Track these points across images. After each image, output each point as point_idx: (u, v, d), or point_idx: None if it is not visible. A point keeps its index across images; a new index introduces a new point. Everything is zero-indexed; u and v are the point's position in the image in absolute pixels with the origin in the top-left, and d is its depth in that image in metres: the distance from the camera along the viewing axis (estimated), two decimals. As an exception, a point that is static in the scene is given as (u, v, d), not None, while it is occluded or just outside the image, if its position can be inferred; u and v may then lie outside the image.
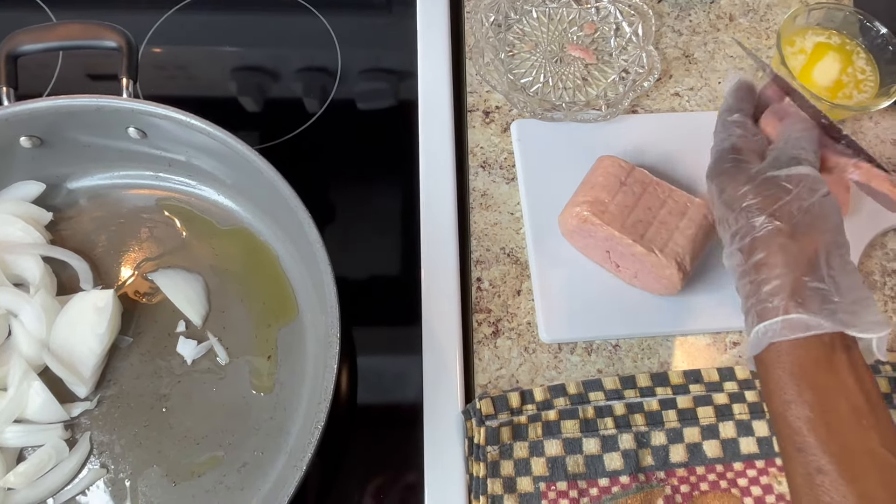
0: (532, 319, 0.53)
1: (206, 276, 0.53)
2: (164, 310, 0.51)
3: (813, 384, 0.37)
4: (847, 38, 0.61)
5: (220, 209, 0.55)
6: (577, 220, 0.51)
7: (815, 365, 0.37)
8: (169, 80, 0.67)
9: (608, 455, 0.48)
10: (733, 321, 0.53)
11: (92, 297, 0.49)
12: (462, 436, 0.49)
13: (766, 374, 0.39)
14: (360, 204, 0.59)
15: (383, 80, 0.66)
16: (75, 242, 0.54)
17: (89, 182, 0.56)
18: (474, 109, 0.62)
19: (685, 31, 0.66)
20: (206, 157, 0.52)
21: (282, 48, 0.68)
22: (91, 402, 0.48)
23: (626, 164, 0.52)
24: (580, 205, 0.50)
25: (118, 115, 0.49)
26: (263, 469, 0.47)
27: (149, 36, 0.68)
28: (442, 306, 0.53)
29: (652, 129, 0.60)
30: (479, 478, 0.47)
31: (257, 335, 0.51)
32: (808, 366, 0.37)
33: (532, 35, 0.65)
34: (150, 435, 0.48)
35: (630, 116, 0.61)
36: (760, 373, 0.40)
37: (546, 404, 0.50)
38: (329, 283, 0.43)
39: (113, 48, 0.50)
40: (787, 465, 0.37)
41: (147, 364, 0.50)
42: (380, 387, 0.52)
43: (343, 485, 0.48)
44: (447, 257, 0.55)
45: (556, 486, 0.47)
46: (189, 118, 0.48)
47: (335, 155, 0.62)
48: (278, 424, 0.48)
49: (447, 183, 0.58)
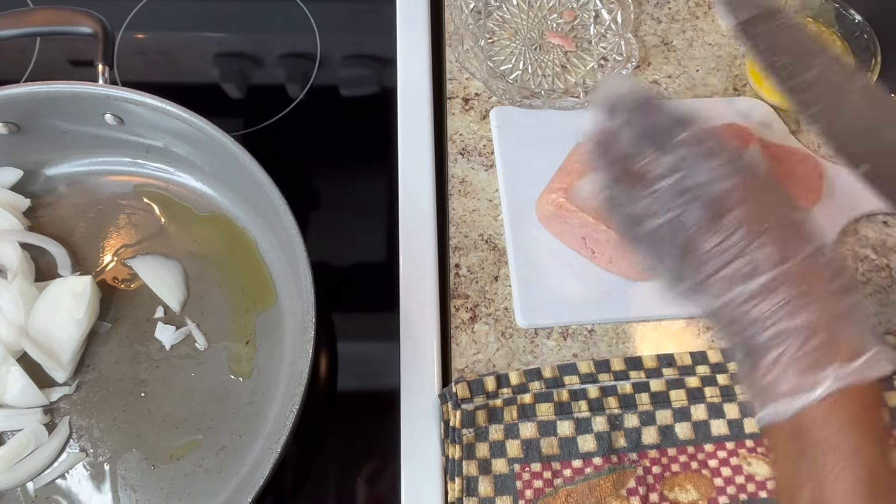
0: (509, 305, 0.54)
1: (184, 262, 0.53)
2: (142, 296, 0.52)
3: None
4: (823, 25, 0.61)
5: (198, 195, 0.55)
6: (552, 206, 0.51)
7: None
8: (150, 66, 0.67)
9: (582, 437, 0.49)
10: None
11: (70, 283, 0.49)
12: (438, 419, 0.50)
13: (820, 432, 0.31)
14: (339, 189, 0.60)
15: (363, 66, 0.66)
16: (53, 229, 0.54)
17: (67, 168, 0.56)
18: (454, 97, 0.62)
19: (664, 18, 0.67)
20: (184, 144, 0.52)
21: (261, 34, 0.68)
22: (70, 387, 0.49)
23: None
24: (556, 191, 0.51)
25: (94, 101, 0.49)
26: (241, 452, 0.48)
27: (128, 21, 0.68)
28: (420, 292, 0.54)
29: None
30: (455, 459, 0.48)
31: (235, 321, 0.51)
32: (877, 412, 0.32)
33: (512, 22, 0.65)
34: (129, 419, 0.48)
35: (608, 104, 0.61)
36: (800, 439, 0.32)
37: (521, 388, 0.51)
38: (305, 269, 0.44)
39: (89, 34, 0.50)
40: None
41: (126, 349, 0.50)
42: (358, 372, 0.53)
43: (321, 468, 0.49)
44: (425, 244, 0.56)
45: (531, 467, 0.48)
46: (164, 104, 0.48)
47: (315, 141, 0.62)
48: (256, 409, 0.49)
49: (426, 170, 0.59)
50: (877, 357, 0.31)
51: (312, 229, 0.57)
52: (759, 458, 0.49)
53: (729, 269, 0.33)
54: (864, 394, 0.31)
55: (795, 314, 0.32)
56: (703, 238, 0.34)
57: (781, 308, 0.32)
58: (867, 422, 0.31)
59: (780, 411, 0.32)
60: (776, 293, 0.33)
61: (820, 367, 0.31)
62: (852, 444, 0.31)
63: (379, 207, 0.59)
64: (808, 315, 0.32)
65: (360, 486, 0.49)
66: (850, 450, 0.30)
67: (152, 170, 0.56)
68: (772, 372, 0.32)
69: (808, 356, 0.32)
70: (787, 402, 0.32)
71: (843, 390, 0.31)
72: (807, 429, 0.31)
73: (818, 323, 0.32)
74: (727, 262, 0.33)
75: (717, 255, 0.34)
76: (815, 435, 0.31)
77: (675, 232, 0.34)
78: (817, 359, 0.31)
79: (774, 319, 0.33)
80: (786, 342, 0.32)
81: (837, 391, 0.31)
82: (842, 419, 0.31)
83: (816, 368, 0.31)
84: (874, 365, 0.31)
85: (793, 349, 0.32)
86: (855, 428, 0.31)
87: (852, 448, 0.30)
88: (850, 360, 0.31)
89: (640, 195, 0.35)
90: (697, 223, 0.34)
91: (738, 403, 0.50)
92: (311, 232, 0.56)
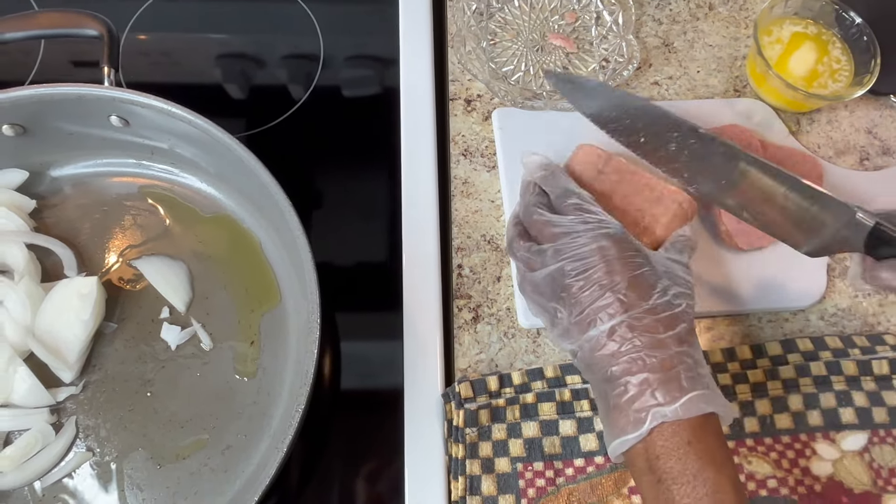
0: (511, 305, 0.54)
1: (189, 262, 0.53)
2: (147, 296, 0.52)
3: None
4: (823, 27, 0.62)
5: (203, 197, 0.55)
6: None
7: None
8: (154, 67, 0.67)
9: (584, 436, 0.50)
10: (708, 305, 0.54)
11: (76, 283, 0.50)
12: (442, 418, 0.50)
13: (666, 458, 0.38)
14: (343, 190, 0.60)
15: (366, 67, 0.67)
16: (59, 230, 0.54)
17: (73, 170, 0.56)
18: (456, 98, 0.63)
19: (665, 19, 0.67)
20: (188, 146, 0.52)
21: (264, 35, 0.68)
22: (76, 387, 0.49)
23: (604, 153, 0.52)
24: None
25: (99, 103, 0.50)
26: (247, 452, 0.48)
27: (132, 22, 0.68)
28: (423, 293, 0.54)
29: (631, 117, 0.60)
30: (458, 459, 0.48)
31: (240, 321, 0.52)
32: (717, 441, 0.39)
33: (514, 24, 0.65)
34: (135, 419, 0.49)
35: (610, 105, 0.61)
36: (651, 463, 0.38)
37: (524, 388, 0.51)
38: (310, 271, 0.44)
39: (94, 36, 0.50)
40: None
41: (131, 349, 0.51)
42: (362, 371, 0.53)
43: (325, 467, 0.49)
44: (428, 244, 0.56)
45: (533, 466, 0.49)
46: (170, 106, 0.48)
47: (319, 141, 0.62)
48: (261, 408, 0.49)
49: (429, 171, 0.59)
50: (694, 400, 0.38)
51: (316, 229, 0.57)
52: (759, 456, 0.50)
53: (583, 316, 0.41)
54: (692, 427, 0.38)
55: (629, 360, 0.39)
56: (570, 290, 0.41)
57: (619, 354, 0.39)
58: (701, 449, 0.37)
59: (622, 444, 0.39)
60: (615, 340, 0.40)
61: (645, 409, 0.38)
62: (693, 469, 0.37)
63: (382, 208, 0.59)
64: (640, 362, 0.39)
65: (363, 485, 0.49)
66: (691, 474, 0.37)
67: (157, 171, 0.56)
68: (613, 411, 0.39)
69: (636, 399, 0.38)
70: (622, 438, 0.39)
71: (675, 426, 0.37)
72: (656, 461, 0.38)
73: (647, 369, 0.38)
74: (583, 310, 0.41)
75: (577, 304, 0.41)
76: (663, 464, 0.37)
77: (553, 283, 0.42)
78: (644, 401, 0.38)
79: (613, 365, 0.39)
80: (622, 387, 0.39)
81: (670, 427, 0.37)
82: (679, 450, 0.37)
83: (642, 410, 0.38)
84: (692, 406, 0.38)
85: (627, 393, 0.39)
86: (692, 455, 0.37)
87: (693, 473, 0.37)
88: (668, 403, 0.38)
89: (533, 252, 0.44)
90: (567, 277, 0.41)
91: (737, 402, 0.51)
92: (315, 232, 0.56)
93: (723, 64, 0.65)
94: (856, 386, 0.51)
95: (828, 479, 0.49)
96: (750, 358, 0.53)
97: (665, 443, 0.38)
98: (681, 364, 0.39)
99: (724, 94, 0.63)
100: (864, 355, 0.53)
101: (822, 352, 0.53)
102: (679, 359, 0.39)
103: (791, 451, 0.50)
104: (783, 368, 0.52)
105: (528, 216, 0.46)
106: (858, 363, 0.52)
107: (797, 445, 0.50)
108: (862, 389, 0.51)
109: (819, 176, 0.58)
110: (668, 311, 0.40)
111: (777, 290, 0.54)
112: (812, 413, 0.51)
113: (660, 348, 0.39)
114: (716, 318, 0.55)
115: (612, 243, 0.42)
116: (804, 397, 0.51)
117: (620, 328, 0.40)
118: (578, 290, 0.41)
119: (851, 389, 0.51)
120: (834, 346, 0.53)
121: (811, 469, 0.49)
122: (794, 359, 0.53)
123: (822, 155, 0.61)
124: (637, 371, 0.39)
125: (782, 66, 0.60)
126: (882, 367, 0.52)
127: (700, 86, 0.64)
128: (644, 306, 0.40)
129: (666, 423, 0.38)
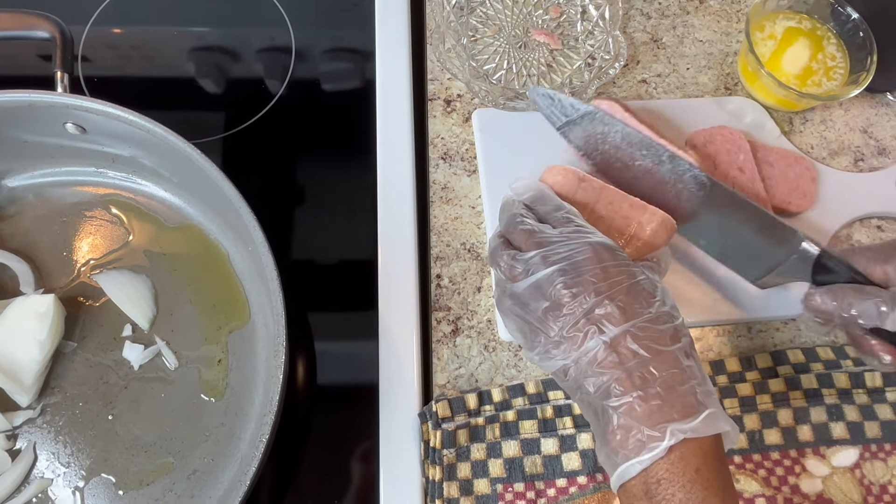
0: (492, 317, 0.52)
1: (153, 276, 0.51)
2: (109, 313, 0.50)
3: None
4: (818, 22, 0.59)
5: (167, 206, 0.53)
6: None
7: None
8: (124, 61, 0.64)
9: (566, 455, 0.48)
10: (695, 315, 0.52)
11: (32, 301, 0.47)
12: (419, 439, 0.48)
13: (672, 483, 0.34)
14: (320, 189, 0.58)
15: (342, 59, 0.64)
16: (15, 243, 0.51)
17: (30, 180, 0.53)
18: (435, 98, 0.60)
19: (654, 14, 0.64)
20: (149, 154, 0.50)
21: (236, 28, 0.65)
22: (34, 411, 0.47)
23: (574, 174, 0.49)
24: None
25: (53, 110, 0.47)
26: (214, 476, 0.46)
27: (95, 15, 0.65)
28: (399, 307, 0.52)
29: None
30: (435, 481, 0.46)
31: (207, 338, 0.49)
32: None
33: (496, 18, 0.62)
34: (97, 443, 0.47)
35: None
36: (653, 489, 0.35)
37: (504, 405, 0.49)
38: (275, 290, 0.42)
39: (45, 38, 0.47)
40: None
41: (92, 370, 0.48)
42: (338, 393, 0.51)
43: (297, 491, 0.47)
44: (405, 255, 0.54)
45: (514, 487, 0.47)
46: (125, 113, 0.45)
47: (298, 137, 0.60)
48: (229, 430, 0.47)
49: (406, 175, 0.57)
50: (711, 417, 0.35)
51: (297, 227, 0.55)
52: (747, 474, 0.48)
53: (577, 327, 0.37)
54: (703, 451, 0.34)
55: (635, 376, 0.35)
56: (559, 299, 0.37)
57: (623, 369, 0.35)
58: (709, 477, 0.34)
59: (630, 469, 0.35)
60: (617, 354, 0.36)
61: (659, 425, 0.34)
62: (697, 499, 0.33)
63: (363, 204, 0.56)
64: (648, 377, 0.35)
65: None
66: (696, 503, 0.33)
67: (118, 179, 0.53)
68: (618, 432, 0.35)
69: (648, 417, 0.34)
70: (634, 460, 0.34)
71: (684, 449, 0.34)
72: (656, 487, 0.34)
73: (657, 384, 0.35)
74: (576, 321, 0.37)
75: (569, 315, 0.37)
76: (664, 492, 0.34)
77: (538, 294, 0.38)
78: (657, 418, 0.34)
79: (617, 380, 0.35)
80: (628, 403, 0.35)
81: (678, 449, 0.34)
82: (685, 476, 0.34)
83: (655, 427, 0.34)
84: (710, 423, 0.34)
85: (635, 410, 0.35)
86: (698, 484, 0.34)
87: (697, 502, 0.33)
88: (685, 419, 0.34)
89: (517, 260, 0.39)
90: (556, 285, 0.37)
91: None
92: (286, 231, 0.54)
93: (713, 60, 0.62)
94: (848, 399, 0.50)
95: (817, 497, 0.48)
96: (738, 370, 0.51)
97: (671, 467, 0.34)
98: (693, 378, 0.36)
99: (714, 93, 0.61)
100: (856, 367, 0.51)
101: (813, 363, 0.51)
102: (690, 372, 0.36)
103: (780, 467, 0.48)
104: (773, 381, 0.50)
105: (511, 227, 0.41)
106: (851, 375, 0.50)
107: (787, 462, 0.49)
108: (854, 403, 0.50)
109: (812, 179, 0.55)
110: (669, 322, 0.37)
111: (766, 299, 0.52)
112: (802, 428, 0.49)
113: (669, 361, 0.36)
114: (703, 329, 0.53)
115: (606, 250, 0.38)
116: (794, 412, 0.49)
117: (623, 339, 0.36)
118: (571, 299, 0.37)
119: (843, 403, 0.50)
120: (826, 358, 0.51)
121: (801, 487, 0.48)
122: (784, 371, 0.51)
123: (816, 156, 0.59)
124: (646, 385, 0.35)
125: (775, 62, 0.58)
126: (875, 379, 0.50)
127: (689, 83, 0.61)
128: (647, 315, 0.37)
129: (673, 446, 0.34)
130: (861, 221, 0.57)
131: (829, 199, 0.56)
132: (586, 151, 0.49)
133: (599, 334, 0.36)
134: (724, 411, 0.36)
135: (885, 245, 0.44)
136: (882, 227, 0.57)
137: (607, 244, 0.39)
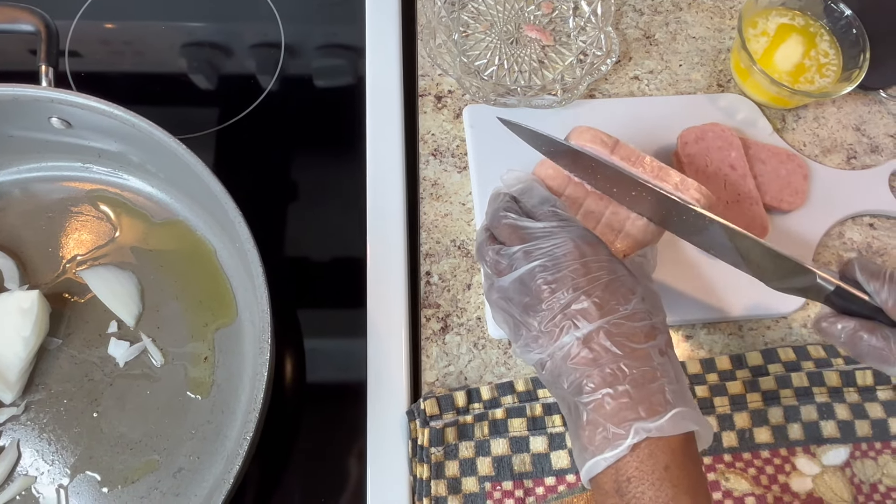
0: (482, 314, 0.52)
1: (139, 272, 0.50)
2: (95, 309, 0.49)
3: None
4: (811, 19, 0.59)
5: (154, 202, 0.52)
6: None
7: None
8: (116, 56, 0.64)
9: (555, 453, 0.48)
10: (686, 314, 0.52)
11: (16, 297, 0.47)
12: (407, 437, 0.48)
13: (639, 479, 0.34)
14: (310, 184, 0.57)
15: (332, 55, 0.64)
16: (0, 239, 0.51)
17: (15, 175, 0.53)
18: (426, 94, 0.59)
19: (646, 10, 0.64)
20: (135, 148, 0.49)
21: (228, 23, 0.65)
22: (18, 408, 0.47)
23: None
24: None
25: (37, 105, 0.46)
26: (200, 474, 0.46)
27: (83, 9, 0.64)
28: (389, 304, 0.51)
29: (609, 115, 0.58)
30: (423, 479, 0.46)
31: (193, 335, 0.49)
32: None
33: (487, 14, 0.62)
34: (82, 441, 0.46)
35: (587, 101, 0.58)
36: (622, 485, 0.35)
37: (493, 402, 0.49)
38: (261, 287, 0.41)
39: (30, 32, 0.47)
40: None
41: (77, 367, 0.48)
42: (325, 389, 0.51)
43: (283, 490, 0.47)
44: (395, 252, 0.53)
45: (502, 485, 0.47)
46: (110, 108, 0.45)
47: (288, 132, 0.59)
48: (216, 428, 0.47)
49: (396, 171, 0.56)
50: (678, 416, 0.34)
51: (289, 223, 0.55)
52: (737, 472, 0.48)
53: (555, 322, 0.37)
54: (672, 449, 0.34)
55: (606, 373, 0.35)
56: (540, 293, 0.37)
57: (595, 365, 0.36)
58: (679, 475, 0.34)
59: (596, 465, 0.35)
60: (591, 349, 0.36)
61: (625, 423, 0.34)
62: (666, 496, 0.33)
63: (351, 201, 0.56)
64: (619, 374, 0.35)
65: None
66: (664, 501, 0.33)
67: (105, 175, 0.53)
68: (587, 428, 0.35)
69: (615, 414, 0.35)
70: (600, 457, 0.35)
71: (653, 447, 0.34)
72: (626, 485, 0.34)
73: (627, 381, 0.35)
74: (553, 316, 0.37)
75: (547, 310, 0.37)
76: (634, 490, 0.34)
77: (521, 288, 0.38)
78: (623, 416, 0.34)
79: (588, 376, 0.36)
80: (597, 400, 0.35)
81: (646, 447, 0.34)
82: (654, 474, 0.34)
83: (621, 425, 0.34)
84: (676, 423, 0.34)
85: (604, 406, 0.35)
86: (667, 482, 0.34)
87: (666, 500, 0.33)
88: (651, 418, 0.34)
89: (501, 254, 0.40)
90: (537, 279, 0.38)
91: (715, 416, 0.49)
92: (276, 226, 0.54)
93: (706, 57, 0.62)
94: (838, 398, 0.50)
95: (807, 496, 0.47)
96: (729, 369, 0.51)
97: (640, 465, 0.34)
98: (664, 377, 0.36)
99: (706, 90, 0.60)
100: (847, 365, 0.51)
101: (804, 362, 0.51)
102: (662, 371, 0.36)
103: (770, 466, 0.48)
104: (763, 379, 0.50)
105: (496, 221, 0.42)
106: (841, 374, 0.50)
107: (777, 461, 0.48)
108: (844, 401, 0.49)
109: (804, 177, 0.55)
110: (647, 319, 0.37)
111: (757, 297, 0.52)
112: (793, 426, 0.49)
113: (641, 358, 0.36)
114: (694, 327, 0.52)
115: (587, 245, 0.39)
116: (784, 410, 0.49)
117: (597, 335, 0.36)
118: (549, 294, 0.37)
119: (834, 401, 0.49)
120: (817, 356, 0.51)
121: (791, 485, 0.48)
122: (774, 369, 0.51)
123: (808, 153, 0.58)
124: (616, 382, 0.35)
125: (768, 59, 0.57)
126: (866, 377, 0.50)
127: (682, 80, 0.61)
128: (623, 311, 0.37)
129: (643, 443, 0.34)
130: (853, 219, 0.56)
131: (822, 197, 0.56)
132: (579, 176, 0.47)
133: (574, 330, 0.36)
134: (695, 411, 0.36)
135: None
136: (874, 224, 0.56)
137: (589, 239, 0.39)
